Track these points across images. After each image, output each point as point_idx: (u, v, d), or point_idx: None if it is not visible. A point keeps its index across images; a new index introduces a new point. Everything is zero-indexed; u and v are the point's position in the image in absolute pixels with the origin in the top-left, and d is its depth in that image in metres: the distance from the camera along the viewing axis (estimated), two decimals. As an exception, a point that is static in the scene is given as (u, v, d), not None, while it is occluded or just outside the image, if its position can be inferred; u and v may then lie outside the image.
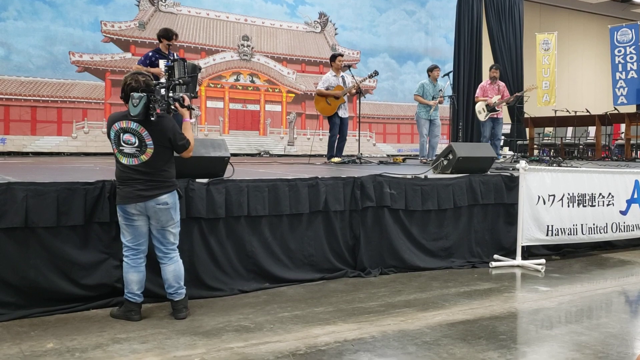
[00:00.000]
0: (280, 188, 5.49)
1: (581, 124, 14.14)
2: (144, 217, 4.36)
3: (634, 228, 7.40)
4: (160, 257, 4.45)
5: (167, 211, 4.36)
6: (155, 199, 4.30)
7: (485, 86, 11.02)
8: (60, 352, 3.75)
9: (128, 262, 4.39)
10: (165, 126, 4.32)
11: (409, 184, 6.23)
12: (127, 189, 4.31)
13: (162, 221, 4.36)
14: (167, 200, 4.35)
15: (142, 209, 4.31)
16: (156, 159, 4.31)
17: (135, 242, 4.38)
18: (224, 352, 3.81)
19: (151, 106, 4.16)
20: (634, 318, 5.04)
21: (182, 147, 4.42)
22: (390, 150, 14.83)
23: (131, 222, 4.35)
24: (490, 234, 6.79)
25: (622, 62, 15.75)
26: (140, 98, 4.13)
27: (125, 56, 11.73)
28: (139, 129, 4.25)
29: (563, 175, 6.90)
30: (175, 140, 4.37)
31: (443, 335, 4.19)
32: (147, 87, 4.23)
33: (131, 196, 4.29)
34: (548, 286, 5.74)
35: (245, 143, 13.10)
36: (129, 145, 4.28)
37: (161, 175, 4.34)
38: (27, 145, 10.81)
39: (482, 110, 10.79)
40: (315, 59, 14.04)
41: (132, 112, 4.15)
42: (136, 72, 4.46)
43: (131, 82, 4.27)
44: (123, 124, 4.28)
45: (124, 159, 4.32)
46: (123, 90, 4.30)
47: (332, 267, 5.80)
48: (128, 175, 4.32)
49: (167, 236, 4.42)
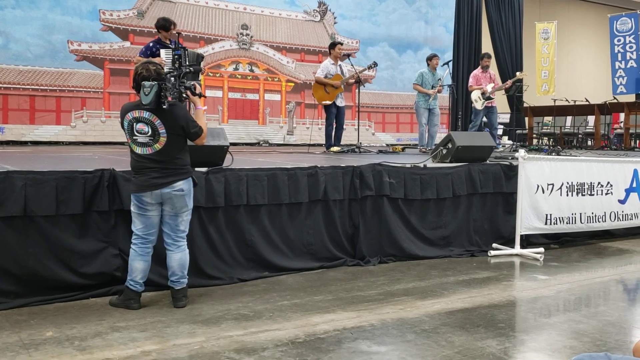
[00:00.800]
0: (280, 177, 5.49)
1: (580, 113, 14.10)
2: (158, 207, 4.38)
3: (632, 217, 7.42)
4: (169, 244, 4.46)
5: (182, 198, 4.39)
6: (170, 185, 4.32)
7: (478, 75, 10.99)
8: (59, 340, 3.76)
9: (136, 249, 4.41)
10: (178, 114, 4.33)
11: (408, 173, 6.23)
12: (142, 177, 4.33)
13: (177, 207, 4.39)
14: (183, 187, 4.38)
15: (158, 196, 4.32)
16: (170, 147, 4.32)
17: (146, 231, 4.40)
18: (223, 340, 3.82)
19: (162, 94, 4.18)
20: (632, 306, 5.06)
21: (195, 134, 4.43)
22: (390, 139, 14.81)
23: (144, 212, 4.36)
24: (489, 223, 6.80)
25: (622, 51, 15.71)
26: (152, 86, 4.15)
27: (124, 45, 11.68)
28: (151, 117, 4.26)
29: (562, 165, 6.90)
30: (188, 128, 4.38)
31: (442, 324, 4.20)
32: (158, 76, 4.25)
33: (146, 184, 4.30)
34: (547, 275, 5.76)
35: (245, 132, 13.08)
36: (143, 134, 4.29)
37: (175, 163, 4.37)
38: (25, 134, 10.79)
39: (478, 99, 10.76)
40: (315, 48, 14.00)
41: (144, 100, 4.16)
42: (147, 61, 4.48)
43: (142, 71, 4.28)
44: (136, 114, 4.29)
45: (138, 149, 4.33)
46: (134, 79, 4.32)
47: (332, 255, 5.81)
48: (143, 165, 4.33)
49: (179, 223, 4.45)
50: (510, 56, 16.48)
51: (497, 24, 16.35)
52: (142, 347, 3.67)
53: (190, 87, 4.47)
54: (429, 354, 3.63)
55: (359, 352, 3.64)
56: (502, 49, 16.33)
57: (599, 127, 13.45)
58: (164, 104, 4.20)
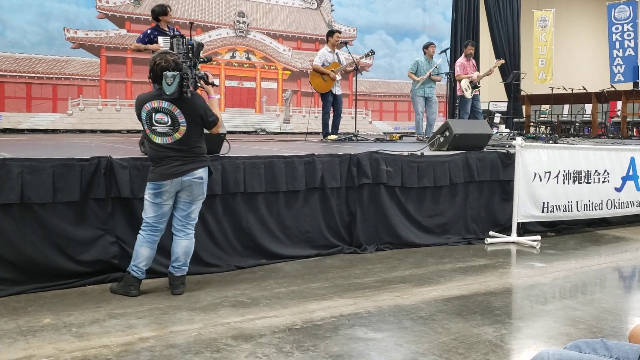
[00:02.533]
0: (277, 165, 5.49)
1: (578, 101, 14.10)
2: (173, 197, 4.40)
3: (628, 205, 7.44)
4: (178, 230, 4.48)
5: (201, 185, 4.43)
6: (191, 173, 4.36)
7: (465, 63, 10.92)
8: (57, 327, 3.77)
9: (144, 235, 4.42)
10: (197, 103, 4.37)
11: (405, 161, 6.23)
12: (163, 166, 4.34)
13: (194, 194, 4.42)
14: (202, 175, 4.43)
15: (178, 184, 4.35)
16: (189, 136, 4.35)
17: (157, 220, 4.42)
18: (221, 327, 3.83)
19: (185, 84, 4.20)
20: (628, 293, 5.08)
21: (212, 123, 4.48)
22: (387, 127, 14.80)
23: (160, 202, 4.38)
24: (485, 210, 6.81)
25: (620, 39, 15.69)
26: (174, 77, 4.18)
27: (121, 32, 11.63)
28: (170, 107, 4.28)
29: (559, 152, 6.90)
30: (207, 117, 4.42)
31: (438, 311, 4.22)
32: (177, 66, 4.28)
33: (168, 172, 4.32)
34: (543, 262, 5.78)
35: (242, 120, 13.05)
36: (162, 124, 4.31)
37: (195, 152, 4.41)
38: (22, 122, 10.76)
39: (467, 88, 10.74)
40: (312, 35, 13.95)
41: (168, 90, 4.18)
42: (164, 52, 4.51)
43: (160, 61, 4.28)
44: (155, 104, 4.30)
45: (158, 139, 4.34)
46: (152, 70, 4.32)
47: (329, 243, 5.82)
48: (163, 154, 4.35)
49: (193, 210, 4.49)
50: (507, 44, 16.45)
51: (494, 11, 16.31)
52: (139, 333, 3.68)
53: (204, 76, 4.52)
54: (425, 341, 3.64)
55: (355, 339, 3.66)
56: (500, 37, 16.30)
57: (597, 116, 13.46)
58: (186, 94, 4.23)
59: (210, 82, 4.62)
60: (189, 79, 4.24)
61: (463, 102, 11.00)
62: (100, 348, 3.45)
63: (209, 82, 4.61)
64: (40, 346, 3.45)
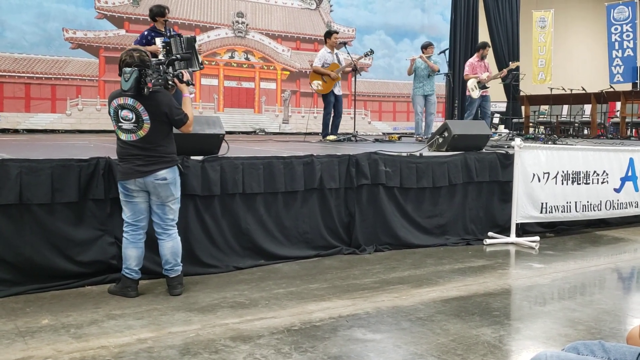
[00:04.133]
0: (276, 165, 5.49)
1: (577, 102, 14.10)
2: (144, 194, 4.37)
3: (627, 205, 7.44)
4: (159, 233, 4.46)
5: (167, 186, 4.37)
6: (154, 174, 4.30)
7: (474, 63, 10.93)
8: (55, 328, 3.76)
9: (127, 237, 4.41)
10: (161, 101, 4.31)
11: (404, 161, 6.23)
12: (126, 165, 4.33)
13: (162, 197, 4.37)
14: (166, 176, 4.35)
15: (142, 184, 4.31)
16: (153, 134, 4.31)
17: (135, 218, 4.40)
18: (219, 328, 3.83)
19: (142, 80, 4.14)
20: (627, 295, 5.08)
21: (179, 121, 4.40)
22: (386, 128, 14.79)
23: (130, 199, 4.36)
24: (484, 211, 6.81)
25: (619, 40, 15.70)
26: (131, 72, 4.13)
27: (119, 33, 11.62)
28: (135, 104, 4.25)
29: (558, 153, 6.90)
30: (172, 115, 4.35)
31: (437, 312, 4.22)
32: (141, 62, 4.22)
33: (130, 172, 4.30)
34: (542, 263, 5.77)
35: (240, 121, 13.04)
36: (127, 121, 4.28)
37: (159, 151, 4.35)
38: (21, 122, 10.75)
39: (474, 88, 10.74)
40: (310, 36, 13.94)
41: (124, 86, 4.16)
42: (132, 48, 4.46)
43: (126, 58, 4.27)
44: (121, 101, 4.28)
45: (123, 135, 4.33)
46: (119, 66, 4.31)
47: (327, 244, 5.82)
48: (127, 152, 4.33)
49: (167, 212, 4.43)
50: (507, 45, 16.46)
51: (494, 12, 16.31)
52: (138, 334, 3.68)
53: (178, 74, 4.47)
54: (424, 342, 3.64)
55: (354, 340, 3.65)
56: (499, 37, 16.30)
57: (596, 116, 13.47)
58: (143, 90, 4.17)
59: (184, 81, 4.55)
60: (148, 75, 4.16)
61: (470, 102, 11.01)
62: (98, 349, 3.44)
63: (183, 81, 4.54)
64: (38, 347, 3.45)
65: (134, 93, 4.19)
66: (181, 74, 4.51)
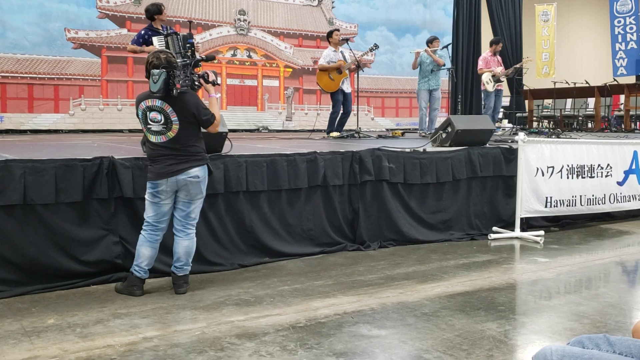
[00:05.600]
0: (279, 163, 5.49)
1: (580, 95, 14.05)
2: (172, 196, 4.40)
3: (630, 199, 7.42)
4: (178, 230, 4.48)
5: (198, 184, 4.41)
6: (186, 172, 4.34)
7: (488, 58, 11.00)
8: (61, 327, 3.77)
9: (145, 235, 4.43)
10: (188, 101, 4.34)
11: (407, 157, 6.22)
12: (158, 165, 4.35)
13: (192, 194, 4.41)
14: (199, 174, 4.40)
15: (174, 184, 4.34)
16: (183, 134, 4.33)
17: (157, 219, 4.43)
18: (225, 325, 3.83)
19: (171, 82, 4.18)
20: (632, 288, 5.07)
21: (207, 121, 4.44)
22: (389, 124, 14.77)
23: (157, 200, 4.39)
24: (489, 206, 6.80)
25: (622, 32, 15.62)
26: (160, 74, 4.17)
27: (121, 32, 11.62)
28: (163, 106, 4.27)
29: (562, 147, 6.88)
30: (200, 115, 4.38)
31: (442, 307, 4.22)
32: (168, 64, 4.25)
33: (163, 172, 4.32)
34: (547, 257, 5.77)
35: (244, 119, 13.04)
36: (156, 123, 4.31)
37: (189, 150, 4.38)
38: (24, 123, 10.76)
39: (489, 81, 10.75)
40: (313, 33, 13.92)
41: (152, 88, 4.19)
42: (159, 50, 4.50)
43: (152, 59, 4.30)
44: (149, 103, 4.30)
45: (153, 137, 4.35)
46: (146, 69, 4.33)
47: (332, 241, 5.82)
48: (158, 152, 4.36)
49: (193, 210, 4.47)
50: (510, 38, 16.38)
51: (496, 6, 16.24)
52: (143, 333, 3.69)
53: (204, 75, 4.50)
54: (429, 337, 3.64)
55: (359, 336, 3.66)
56: (502, 31, 16.23)
57: (599, 109, 13.41)
58: (172, 91, 4.21)
59: (210, 81, 4.60)
60: (176, 77, 4.20)
61: (486, 96, 11.01)
62: (104, 348, 3.45)
63: (209, 81, 4.59)
64: (44, 347, 3.46)
65: (163, 94, 4.21)
66: (207, 75, 4.54)
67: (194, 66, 4.51)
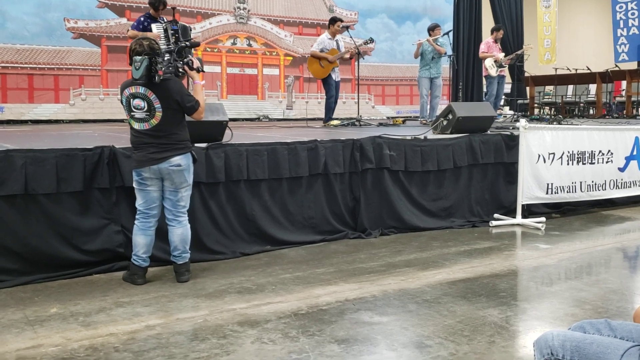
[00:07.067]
0: (280, 152, 5.49)
1: (582, 81, 14.04)
2: (158, 182, 4.39)
3: (631, 185, 7.42)
4: (170, 219, 4.48)
5: (181, 173, 4.38)
6: (168, 160, 4.32)
7: (491, 43, 10.99)
8: (64, 316, 3.79)
9: (138, 224, 4.44)
10: (172, 88, 4.32)
11: (408, 145, 6.21)
12: (140, 153, 4.34)
13: (176, 183, 4.39)
14: (180, 162, 4.37)
15: (156, 172, 4.33)
16: (166, 122, 4.32)
17: (147, 206, 4.42)
18: (227, 313, 3.85)
19: (153, 68, 4.15)
20: (633, 273, 5.08)
21: (191, 108, 4.41)
22: (390, 112, 14.74)
23: (144, 187, 4.38)
24: (490, 193, 6.80)
25: (624, 18, 15.52)
26: (142, 61, 4.15)
27: (121, 21, 11.59)
28: (147, 93, 4.26)
29: (563, 134, 6.88)
30: (183, 102, 4.36)
31: (443, 294, 4.23)
32: (151, 51, 4.23)
33: (144, 159, 4.31)
34: (548, 244, 5.77)
35: (244, 108, 13.02)
36: (139, 110, 4.29)
37: (172, 138, 4.36)
38: (25, 113, 10.76)
39: (492, 66, 10.72)
40: (313, 20, 13.87)
41: (135, 75, 4.17)
42: (141, 37, 4.45)
43: (135, 46, 4.28)
44: (132, 90, 4.29)
45: (136, 124, 4.34)
46: (129, 55, 4.32)
47: (333, 228, 5.82)
48: (141, 140, 4.35)
49: (180, 199, 4.45)
50: (510, 25, 16.28)
51: (497, -8, 16.15)
52: (146, 321, 3.70)
53: (188, 62, 4.47)
54: (431, 324, 3.65)
55: (361, 323, 3.67)
56: (503, 17, 16.14)
57: (601, 96, 13.40)
58: (154, 78, 4.18)
59: (194, 68, 4.53)
60: (159, 63, 4.16)
61: (489, 82, 10.97)
62: (107, 336, 3.47)
63: (194, 68, 4.53)
64: (47, 335, 3.48)
65: (145, 81, 4.20)
66: (191, 61, 4.51)
67: (178, 53, 4.47)
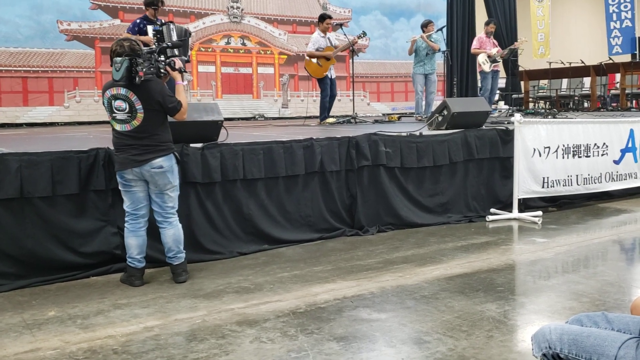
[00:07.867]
0: (276, 150, 5.49)
1: (576, 75, 14.04)
2: (142, 183, 4.37)
3: (626, 177, 7.43)
4: (160, 221, 4.47)
5: (164, 175, 4.36)
6: (149, 162, 4.29)
7: (483, 39, 10.95)
8: (62, 319, 3.78)
9: (128, 227, 4.43)
10: (153, 89, 4.29)
11: (404, 141, 6.22)
12: (122, 155, 4.33)
13: (160, 185, 4.37)
14: (162, 164, 4.34)
15: (138, 174, 4.31)
16: (148, 123, 4.29)
17: (134, 207, 4.41)
18: (225, 313, 3.85)
19: (133, 69, 4.13)
20: (630, 266, 5.09)
21: (173, 109, 4.38)
22: (385, 109, 14.73)
23: (129, 188, 4.37)
24: (486, 188, 6.81)
25: (617, 11, 15.55)
26: (122, 62, 4.13)
27: (114, 23, 11.56)
28: (128, 94, 4.23)
29: (558, 127, 6.89)
30: (165, 103, 4.34)
31: (441, 289, 4.23)
32: (132, 52, 4.20)
33: (126, 161, 4.30)
34: (545, 237, 5.78)
35: (239, 107, 13.00)
36: (121, 111, 4.27)
37: (154, 139, 4.33)
38: (20, 116, 10.73)
39: (485, 62, 10.72)
40: (307, 18, 13.86)
41: (115, 76, 4.15)
42: (123, 38, 4.45)
43: (116, 48, 4.27)
44: (114, 91, 4.27)
45: (118, 126, 4.32)
46: (110, 57, 4.29)
47: (330, 226, 5.83)
48: (122, 142, 4.33)
49: (166, 200, 4.43)
50: (504, 20, 16.29)
51: (490, -14, 16.14)
52: (144, 323, 3.70)
53: (170, 62, 4.45)
54: (429, 320, 3.66)
55: (359, 320, 3.67)
56: (496, 12, 16.14)
57: (595, 89, 13.41)
58: (135, 79, 4.16)
59: (177, 68, 4.51)
60: (139, 64, 4.14)
61: (483, 77, 10.97)
62: (105, 338, 3.47)
63: (176, 69, 4.51)
64: (46, 339, 3.47)
65: (126, 83, 4.18)
66: (173, 62, 4.48)
67: (159, 53, 4.45)
